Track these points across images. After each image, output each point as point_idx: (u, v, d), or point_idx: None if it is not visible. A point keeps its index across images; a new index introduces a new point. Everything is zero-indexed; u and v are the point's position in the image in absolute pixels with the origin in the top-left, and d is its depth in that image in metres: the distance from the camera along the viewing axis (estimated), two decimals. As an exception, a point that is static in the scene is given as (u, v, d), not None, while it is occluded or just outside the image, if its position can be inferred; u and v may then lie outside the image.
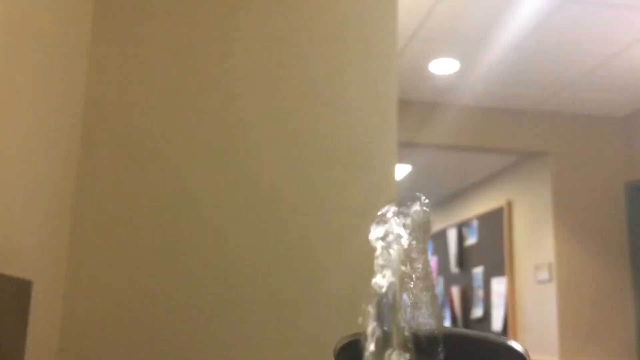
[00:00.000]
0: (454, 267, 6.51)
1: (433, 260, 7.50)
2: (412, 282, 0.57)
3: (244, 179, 1.55)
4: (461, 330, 0.69)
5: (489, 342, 0.67)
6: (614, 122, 4.87)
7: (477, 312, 5.89)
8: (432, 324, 0.58)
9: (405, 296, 0.57)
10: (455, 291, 6.40)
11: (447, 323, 6.22)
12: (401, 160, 5.60)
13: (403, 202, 0.62)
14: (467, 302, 6.19)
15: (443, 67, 4.07)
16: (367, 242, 1.58)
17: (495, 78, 4.24)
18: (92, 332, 1.41)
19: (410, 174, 6.08)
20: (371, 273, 1.49)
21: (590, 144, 4.83)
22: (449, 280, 6.57)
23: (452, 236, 6.59)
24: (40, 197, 1.27)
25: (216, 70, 1.60)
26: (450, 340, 0.59)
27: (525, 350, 0.62)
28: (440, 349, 0.56)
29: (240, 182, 1.55)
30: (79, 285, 1.42)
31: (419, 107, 4.65)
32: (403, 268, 0.57)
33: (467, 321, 6.11)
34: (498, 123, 4.78)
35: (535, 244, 4.98)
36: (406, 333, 0.53)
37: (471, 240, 6.19)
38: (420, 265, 0.58)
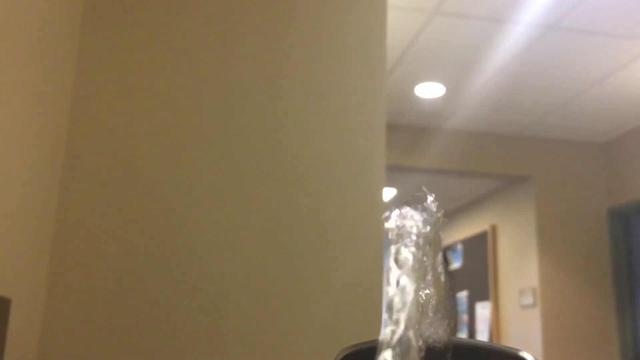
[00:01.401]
0: (438, 292, 6.48)
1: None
2: (423, 291, 0.56)
3: (230, 198, 1.54)
4: (471, 340, 0.68)
5: (500, 352, 0.66)
6: (596, 148, 4.93)
7: (462, 337, 5.86)
8: (441, 334, 0.57)
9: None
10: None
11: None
12: (387, 184, 5.61)
13: (414, 200, 0.61)
14: (451, 327, 6.16)
15: (429, 91, 4.10)
16: (355, 263, 1.56)
17: (479, 103, 4.28)
18: (72, 350, 1.37)
19: (396, 198, 6.09)
20: (359, 293, 1.47)
21: (574, 169, 4.88)
22: (433, 305, 6.53)
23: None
24: (20, 212, 1.25)
25: (205, 84, 1.59)
26: (460, 350, 0.58)
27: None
28: (448, 358, 0.55)
29: (226, 201, 1.54)
30: (59, 302, 1.39)
31: (404, 131, 4.67)
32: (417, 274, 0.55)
33: (452, 346, 6.07)
34: (483, 147, 4.81)
35: (520, 269, 4.98)
36: (417, 343, 0.52)
37: (455, 264, 6.19)
38: (431, 273, 0.57)
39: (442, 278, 0.59)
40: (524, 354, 0.63)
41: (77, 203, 1.46)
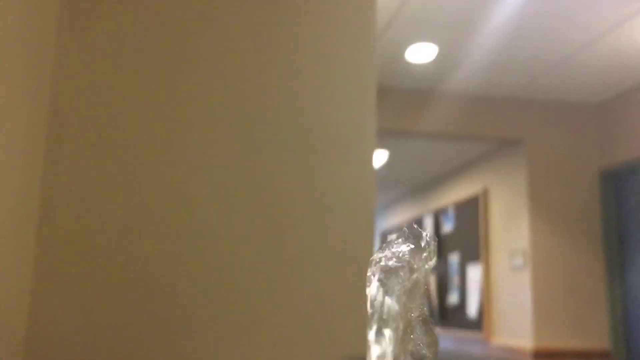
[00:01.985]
0: (430, 254, 6.52)
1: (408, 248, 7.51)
2: (412, 313, 0.56)
3: (220, 168, 1.52)
4: (462, 353, 0.66)
5: None
6: (589, 110, 4.91)
7: (453, 298, 5.93)
8: (427, 350, 0.56)
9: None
10: (431, 278, 6.44)
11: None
12: (379, 147, 5.60)
13: (407, 235, 0.62)
14: (443, 288, 6.23)
15: (421, 53, 4.05)
16: (346, 231, 1.55)
17: (472, 65, 4.24)
18: (59, 341, 1.37)
19: (388, 161, 6.08)
20: (349, 260, 1.47)
21: (566, 131, 4.87)
22: (425, 267, 6.59)
23: (428, 223, 6.62)
24: (1, 201, 1.23)
25: (191, 59, 1.56)
26: None
27: None
28: None
29: (215, 171, 1.52)
30: (45, 292, 1.38)
31: (396, 94, 4.64)
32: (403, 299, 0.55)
33: (443, 308, 6.15)
34: (475, 110, 4.79)
35: (511, 231, 5.01)
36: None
37: (447, 227, 6.22)
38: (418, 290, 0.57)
39: (429, 295, 0.59)
40: None
41: (61, 191, 1.43)
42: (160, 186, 1.48)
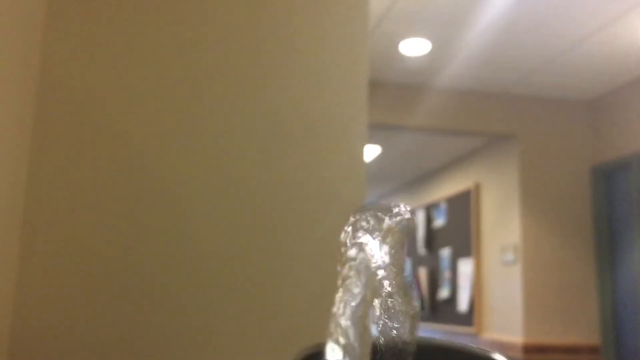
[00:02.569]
0: (421, 249, 6.55)
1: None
2: (387, 290, 0.54)
3: (209, 159, 1.51)
4: (441, 341, 0.65)
5: (471, 354, 0.63)
6: (581, 106, 4.92)
7: (444, 293, 5.95)
8: (405, 334, 0.54)
9: (377, 305, 0.53)
10: (423, 272, 6.45)
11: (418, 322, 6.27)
12: (371, 142, 5.59)
13: (381, 209, 0.59)
14: (434, 283, 6.24)
15: (414, 47, 4.05)
16: (336, 225, 1.54)
17: (464, 60, 4.24)
18: (44, 335, 1.36)
19: (380, 156, 6.08)
20: (335, 256, 1.46)
21: (558, 127, 4.88)
22: (417, 262, 6.62)
23: (420, 218, 6.62)
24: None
25: (182, 46, 1.55)
26: (428, 351, 0.56)
27: None
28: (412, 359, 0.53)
29: (204, 162, 1.51)
30: (30, 288, 1.36)
31: (389, 88, 4.63)
32: (378, 276, 0.53)
33: (434, 302, 6.17)
34: (467, 105, 4.79)
35: (502, 226, 5.03)
36: (379, 343, 0.50)
37: (439, 222, 6.23)
38: (395, 276, 0.55)
39: (408, 281, 0.57)
40: (497, 356, 0.60)
41: (48, 179, 1.42)
42: (147, 182, 1.47)
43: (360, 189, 1.58)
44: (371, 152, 5.92)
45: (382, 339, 0.50)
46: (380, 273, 0.53)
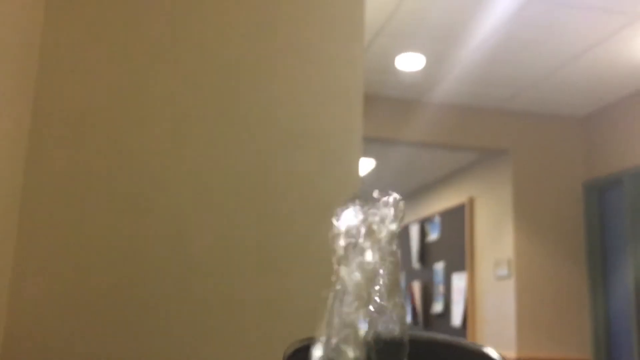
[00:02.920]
0: (415, 263, 6.56)
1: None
2: (377, 285, 0.55)
3: (204, 168, 1.52)
4: (433, 335, 0.66)
5: (463, 348, 0.64)
6: (573, 122, 4.96)
7: (438, 307, 5.95)
8: (396, 329, 0.55)
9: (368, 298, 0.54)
10: (417, 286, 6.45)
11: (408, 319, 6.26)
12: (365, 155, 5.62)
13: (371, 198, 0.60)
14: (427, 297, 6.24)
15: (409, 62, 4.08)
16: (329, 237, 1.56)
17: (459, 76, 4.27)
18: (37, 334, 1.36)
19: (375, 169, 6.10)
20: (331, 266, 1.47)
21: (551, 143, 4.91)
22: (411, 276, 6.62)
23: (414, 232, 6.64)
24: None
25: (178, 55, 1.56)
26: (420, 346, 0.57)
27: (501, 357, 0.60)
28: (404, 354, 0.54)
29: (199, 171, 1.52)
30: (24, 291, 1.37)
31: (384, 102, 4.66)
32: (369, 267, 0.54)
33: (428, 316, 6.17)
34: (462, 120, 4.82)
35: (496, 241, 5.04)
36: (368, 338, 0.50)
37: (433, 236, 6.24)
38: (385, 270, 0.56)
39: (398, 279, 0.58)
40: (488, 350, 0.61)
41: (44, 181, 1.42)
42: (142, 187, 1.48)
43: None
44: (366, 165, 5.94)
45: (373, 334, 0.51)
46: (371, 268, 0.54)
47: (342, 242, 0.57)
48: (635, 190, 4.37)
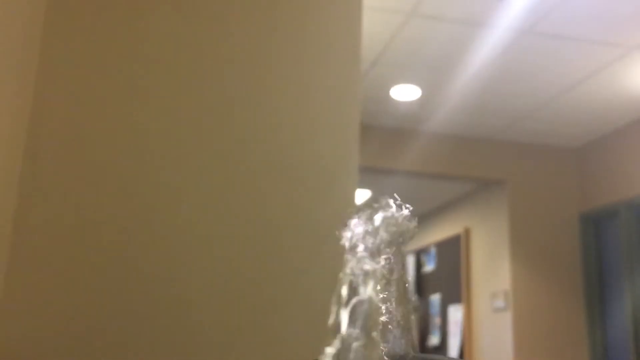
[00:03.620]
0: (411, 294, 6.49)
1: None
2: (387, 302, 0.52)
3: (198, 196, 1.50)
4: (437, 357, 0.63)
5: None
6: (569, 153, 4.97)
7: (434, 339, 5.87)
8: (403, 347, 0.53)
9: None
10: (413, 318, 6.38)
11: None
12: (361, 185, 5.60)
13: (379, 206, 0.57)
14: (424, 329, 6.17)
15: (405, 93, 4.09)
16: (325, 267, 1.53)
17: (455, 106, 4.29)
18: (27, 344, 1.32)
19: (370, 200, 6.08)
20: (329, 298, 1.44)
21: (547, 174, 4.91)
22: (406, 307, 6.54)
23: (410, 262, 6.59)
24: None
25: (177, 80, 1.55)
26: None
27: None
28: None
29: (193, 199, 1.49)
30: (16, 294, 1.34)
31: (380, 132, 4.66)
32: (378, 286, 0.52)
33: (424, 349, 6.09)
34: (457, 150, 4.82)
35: (492, 272, 5.01)
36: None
37: (429, 267, 6.20)
38: (394, 284, 0.54)
39: (406, 289, 0.55)
40: None
41: (39, 198, 1.40)
42: (141, 209, 1.45)
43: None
44: (361, 195, 5.92)
45: (382, 351, 0.49)
46: (380, 283, 0.52)
47: (349, 254, 0.54)
48: (631, 221, 4.35)
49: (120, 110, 1.50)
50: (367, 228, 0.54)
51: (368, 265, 0.50)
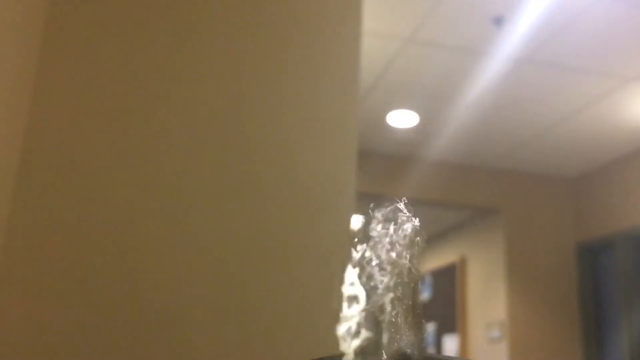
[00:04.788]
0: (405, 323, 6.42)
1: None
2: (397, 302, 0.51)
3: (192, 220, 1.47)
4: (449, 357, 0.61)
5: None
6: (565, 183, 4.96)
7: (428, 369, 5.79)
8: (413, 346, 0.51)
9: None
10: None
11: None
12: (356, 211, 5.56)
13: (390, 212, 0.56)
14: (418, 358, 6.09)
15: (402, 119, 4.09)
16: (323, 290, 1.49)
17: (452, 134, 4.28)
18: (19, 349, 1.28)
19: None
20: (329, 322, 1.40)
21: (543, 203, 4.89)
22: (401, 336, 6.47)
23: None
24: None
25: (170, 102, 1.53)
26: None
27: None
28: None
29: (187, 222, 1.47)
30: (7, 309, 1.30)
31: (377, 158, 4.65)
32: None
33: (418, 378, 6.00)
34: (454, 178, 4.81)
35: (488, 301, 4.95)
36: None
37: (424, 295, 6.14)
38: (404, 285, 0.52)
39: (418, 286, 0.54)
40: None
41: (30, 211, 1.37)
42: (132, 234, 1.42)
43: (347, 257, 1.54)
44: (357, 221, 5.88)
45: (389, 349, 0.47)
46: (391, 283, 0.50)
47: (357, 252, 0.53)
48: (628, 252, 4.33)
49: (114, 119, 1.48)
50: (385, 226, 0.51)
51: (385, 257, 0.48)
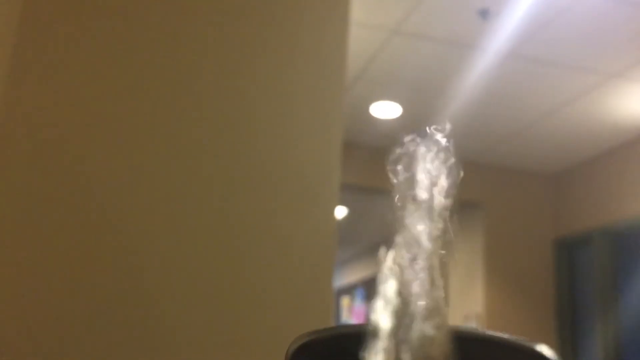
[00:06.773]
0: (383, 314, 6.44)
1: (362, 308, 7.42)
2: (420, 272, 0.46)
3: (175, 211, 1.45)
4: (481, 332, 0.59)
5: (514, 346, 0.58)
6: (545, 179, 5.00)
7: (405, 360, 5.83)
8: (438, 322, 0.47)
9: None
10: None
11: None
12: (341, 202, 5.56)
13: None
14: (395, 350, 6.12)
15: (385, 110, 4.08)
16: (305, 281, 1.48)
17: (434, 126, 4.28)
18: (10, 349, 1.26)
19: (346, 217, 6.04)
20: (308, 315, 1.39)
21: (522, 198, 4.93)
22: (378, 327, 6.49)
23: (383, 282, 6.55)
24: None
25: (152, 88, 1.51)
26: (467, 343, 0.50)
27: (556, 356, 0.53)
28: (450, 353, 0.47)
29: (170, 213, 1.45)
30: None
31: (358, 150, 4.64)
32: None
33: (394, 370, 6.03)
34: (435, 171, 4.81)
35: (466, 294, 4.99)
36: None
37: (402, 287, 6.16)
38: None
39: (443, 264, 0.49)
40: (542, 348, 0.55)
41: (4, 198, 1.34)
42: (112, 218, 1.40)
43: (331, 248, 1.53)
44: (340, 213, 5.89)
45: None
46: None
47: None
48: (605, 248, 4.38)
49: (90, 110, 1.45)
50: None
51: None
